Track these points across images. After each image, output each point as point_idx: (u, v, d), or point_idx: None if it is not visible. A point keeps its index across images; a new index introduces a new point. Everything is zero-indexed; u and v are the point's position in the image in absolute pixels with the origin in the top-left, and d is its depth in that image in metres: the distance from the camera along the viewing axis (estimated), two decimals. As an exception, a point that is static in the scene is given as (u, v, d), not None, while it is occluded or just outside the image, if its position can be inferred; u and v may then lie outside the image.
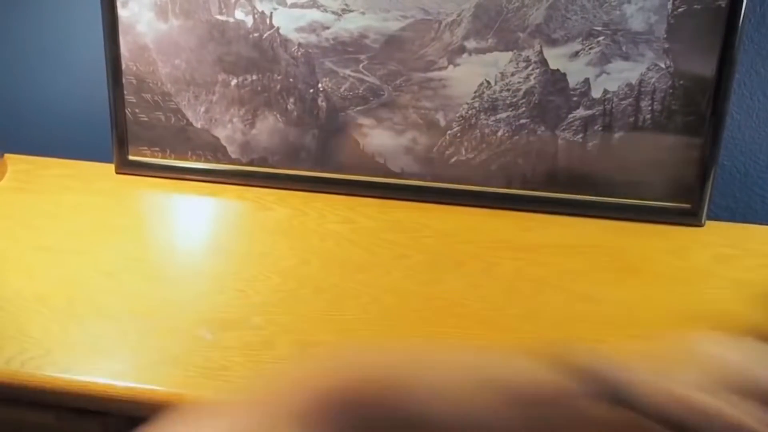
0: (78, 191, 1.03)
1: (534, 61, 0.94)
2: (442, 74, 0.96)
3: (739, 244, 0.94)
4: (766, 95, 0.99)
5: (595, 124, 0.95)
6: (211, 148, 1.04)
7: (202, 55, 1.01)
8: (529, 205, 0.99)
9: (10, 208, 0.99)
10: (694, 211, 0.96)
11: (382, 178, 1.01)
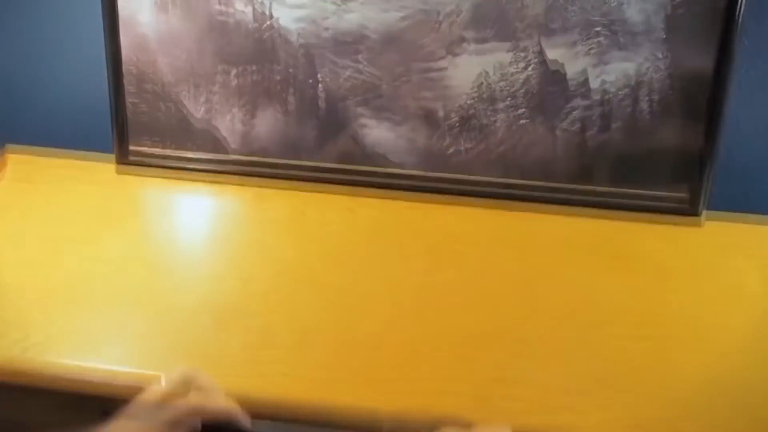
0: (79, 183, 1.04)
1: (532, 53, 0.95)
2: (440, 66, 0.97)
3: (737, 236, 0.94)
4: (764, 88, 0.99)
5: (593, 116, 0.96)
6: (211, 140, 1.05)
7: (202, 48, 1.01)
8: (527, 196, 0.99)
9: (12, 199, 1.00)
10: (692, 204, 0.96)
11: (381, 169, 1.02)
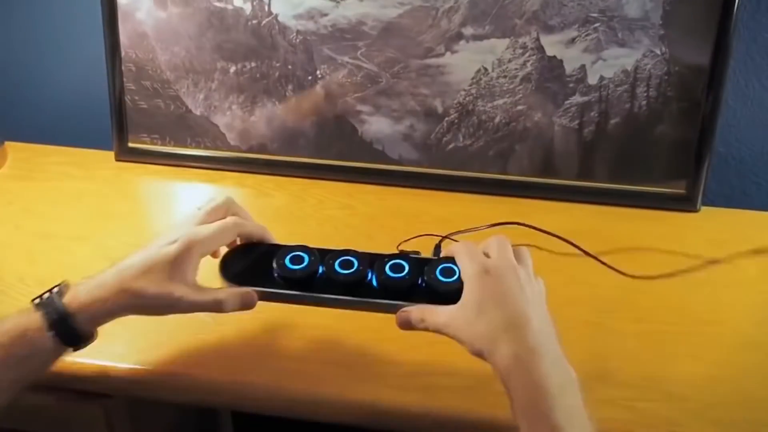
0: (78, 178, 1.04)
1: (531, 47, 0.95)
2: (439, 61, 0.97)
3: (734, 230, 0.95)
4: (761, 82, 1.00)
5: (591, 111, 0.96)
6: (211, 136, 1.05)
7: (201, 43, 1.01)
8: (526, 191, 1.00)
9: (11, 195, 1.00)
10: (689, 198, 0.97)
11: (380, 164, 1.02)
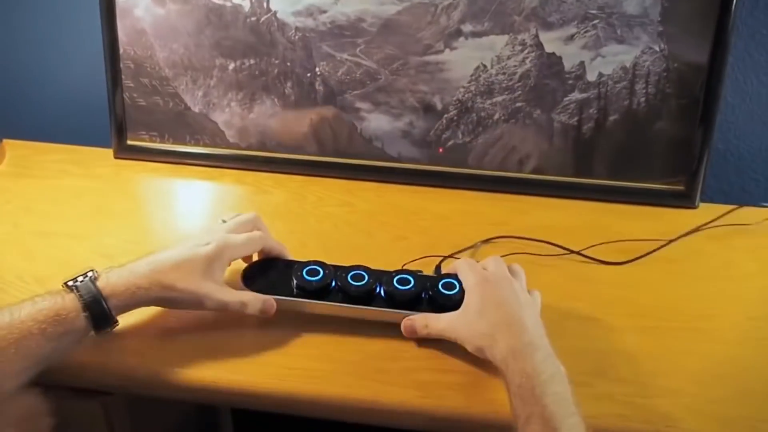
0: (77, 176, 1.04)
1: (530, 44, 0.95)
2: (438, 58, 0.97)
3: (732, 227, 0.95)
4: (760, 79, 1.00)
5: (590, 108, 0.96)
6: (209, 133, 1.05)
7: (200, 40, 1.01)
8: (525, 188, 1.00)
9: (10, 193, 0.99)
10: (688, 194, 0.97)
11: (379, 161, 1.02)
